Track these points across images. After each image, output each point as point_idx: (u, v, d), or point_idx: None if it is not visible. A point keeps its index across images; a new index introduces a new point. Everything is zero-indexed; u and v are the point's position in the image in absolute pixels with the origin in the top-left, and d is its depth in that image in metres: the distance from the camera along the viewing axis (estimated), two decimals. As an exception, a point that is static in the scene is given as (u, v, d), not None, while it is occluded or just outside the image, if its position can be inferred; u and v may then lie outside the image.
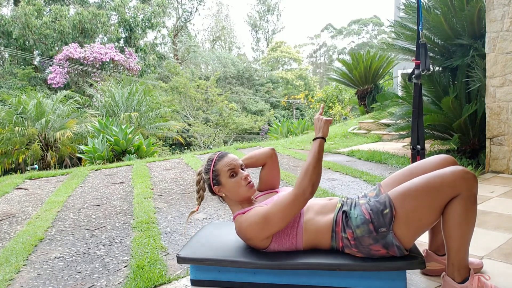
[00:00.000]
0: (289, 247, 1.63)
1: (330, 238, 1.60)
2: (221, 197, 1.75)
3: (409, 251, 1.57)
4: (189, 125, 19.24)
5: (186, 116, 20.72)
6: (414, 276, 1.78)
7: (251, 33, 40.57)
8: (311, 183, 1.52)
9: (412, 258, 1.56)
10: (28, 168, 10.59)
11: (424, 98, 4.48)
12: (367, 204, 1.58)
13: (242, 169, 1.73)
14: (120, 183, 4.17)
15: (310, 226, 1.63)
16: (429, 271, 1.77)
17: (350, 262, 1.56)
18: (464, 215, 1.48)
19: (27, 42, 19.12)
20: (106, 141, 7.80)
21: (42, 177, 4.66)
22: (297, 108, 27.57)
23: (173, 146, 19.16)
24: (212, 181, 1.71)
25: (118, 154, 7.85)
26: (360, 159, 4.91)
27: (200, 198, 1.77)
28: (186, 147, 18.47)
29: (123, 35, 21.29)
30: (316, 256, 1.61)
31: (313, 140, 1.60)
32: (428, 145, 4.87)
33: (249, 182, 1.70)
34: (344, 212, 1.60)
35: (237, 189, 1.69)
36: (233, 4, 64.17)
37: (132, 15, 21.04)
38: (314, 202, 1.71)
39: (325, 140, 1.61)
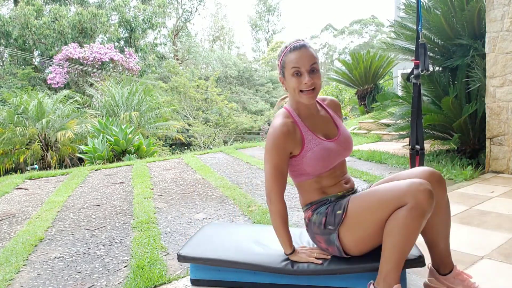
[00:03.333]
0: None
1: (306, 204, 1.66)
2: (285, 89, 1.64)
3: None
4: (189, 125, 19.23)
5: (186, 116, 20.71)
6: (414, 276, 1.78)
7: (251, 33, 40.55)
8: (272, 212, 1.58)
9: (412, 257, 1.56)
10: (28, 168, 10.59)
11: (424, 98, 4.49)
12: None
13: (314, 71, 1.54)
14: (120, 183, 4.17)
15: (307, 184, 1.65)
16: (428, 286, 1.70)
17: (349, 265, 1.56)
18: (401, 226, 1.39)
19: (26, 42, 19.10)
20: (106, 141, 7.80)
21: (42, 177, 4.66)
22: (297, 108, 27.50)
23: (173, 146, 19.15)
24: (279, 69, 1.62)
25: (118, 154, 7.85)
26: (360, 159, 4.91)
27: None
28: (186, 147, 18.46)
29: (123, 35, 21.28)
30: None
31: (292, 250, 1.61)
32: (428, 145, 4.88)
33: (307, 90, 1.54)
34: None
35: (293, 90, 1.57)
36: (234, 4, 64.18)
37: (133, 15, 21.03)
38: (330, 176, 1.64)
39: (288, 255, 1.63)
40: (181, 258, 1.72)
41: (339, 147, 1.64)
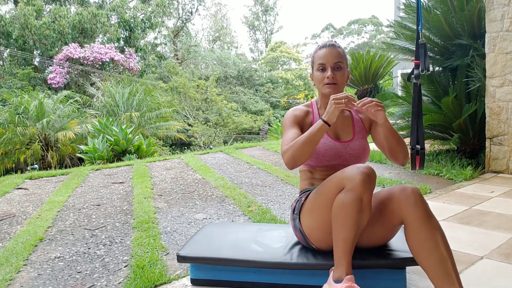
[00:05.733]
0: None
1: (299, 194, 1.74)
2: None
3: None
4: (189, 125, 19.23)
5: (186, 116, 20.71)
6: (414, 276, 1.78)
7: (249, 34, 40.51)
8: (290, 154, 1.53)
9: (411, 256, 1.56)
10: (29, 168, 10.59)
11: (424, 98, 4.49)
12: None
13: (337, 68, 1.67)
14: (120, 183, 4.17)
15: (302, 173, 1.77)
16: None
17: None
18: (338, 209, 1.40)
19: (27, 43, 19.10)
20: (107, 141, 7.80)
21: (42, 177, 4.66)
22: (297, 108, 27.45)
23: (173, 146, 19.15)
24: (311, 66, 1.76)
25: (118, 154, 7.86)
26: (360, 159, 4.91)
27: None
28: (186, 147, 18.46)
29: (123, 35, 21.28)
30: (315, 257, 1.61)
31: (323, 119, 1.51)
32: (428, 145, 4.88)
33: (328, 83, 1.66)
34: None
35: (318, 84, 1.71)
36: (231, 5, 64.17)
37: (132, 15, 21.03)
38: (323, 172, 1.69)
39: (328, 125, 1.50)
40: (181, 259, 1.72)
41: (342, 150, 1.68)
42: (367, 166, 1.42)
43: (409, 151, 1.97)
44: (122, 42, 21.45)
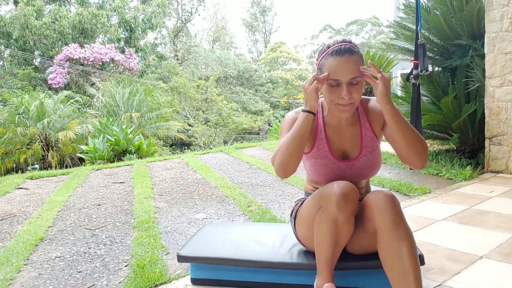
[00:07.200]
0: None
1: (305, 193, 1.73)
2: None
3: None
4: (189, 125, 19.25)
5: (186, 116, 20.74)
6: (413, 275, 1.79)
7: (248, 35, 40.52)
8: (278, 160, 1.38)
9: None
10: (29, 168, 10.60)
11: (423, 98, 4.50)
12: None
13: (354, 84, 1.34)
14: (121, 183, 4.18)
15: (307, 175, 1.68)
16: None
17: (349, 262, 1.57)
18: (315, 227, 1.44)
19: (27, 43, 19.11)
20: (107, 141, 7.81)
21: (43, 177, 4.67)
22: (297, 108, 27.48)
23: (173, 146, 19.16)
24: (317, 69, 1.42)
25: (118, 154, 7.87)
26: (360, 159, 4.91)
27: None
28: (186, 147, 18.47)
29: (123, 36, 21.30)
30: (315, 256, 1.62)
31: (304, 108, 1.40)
32: (427, 145, 4.89)
33: (343, 105, 1.35)
34: None
35: (327, 99, 1.40)
36: (230, 6, 64.21)
37: (133, 16, 21.05)
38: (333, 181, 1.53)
39: (313, 114, 1.37)
40: (181, 259, 1.73)
41: (347, 171, 1.52)
42: (345, 185, 1.35)
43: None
44: (122, 43, 21.46)
